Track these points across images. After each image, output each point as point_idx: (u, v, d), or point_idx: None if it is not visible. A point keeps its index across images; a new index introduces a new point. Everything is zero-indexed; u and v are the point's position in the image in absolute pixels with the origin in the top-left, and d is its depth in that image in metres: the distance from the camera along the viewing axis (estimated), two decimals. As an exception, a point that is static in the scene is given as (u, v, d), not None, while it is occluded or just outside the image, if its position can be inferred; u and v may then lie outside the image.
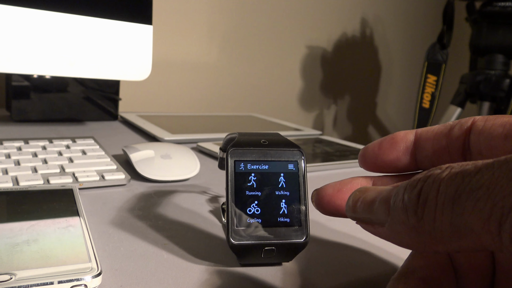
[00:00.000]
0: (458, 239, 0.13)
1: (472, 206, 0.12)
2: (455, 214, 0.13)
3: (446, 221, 0.13)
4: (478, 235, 0.12)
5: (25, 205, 0.28)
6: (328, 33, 1.23)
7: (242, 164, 0.24)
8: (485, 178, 0.13)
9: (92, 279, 0.20)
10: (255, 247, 0.23)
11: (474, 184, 0.13)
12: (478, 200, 0.12)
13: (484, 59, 1.06)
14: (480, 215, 0.12)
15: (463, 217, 0.13)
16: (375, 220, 0.16)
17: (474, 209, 0.12)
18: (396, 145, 0.23)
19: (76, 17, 0.49)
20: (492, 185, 0.12)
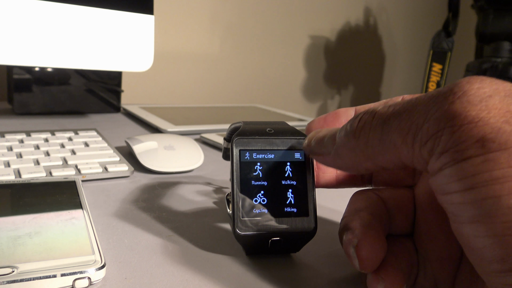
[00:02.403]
0: (384, 153, 0.17)
1: (396, 125, 0.16)
2: (384, 132, 0.16)
3: (376, 138, 0.17)
4: (399, 149, 0.16)
5: (28, 198, 0.27)
6: (332, 23, 1.22)
7: (247, 153, 0.23)
8: (409, 105, 0.16)
9: (96, 272, 0.20)
10: (261, 237, 0.23)
11: (400, 109, 0.16)
12: (401, 120, 0.16)
13: (490, 46, 1.04)
14: (401, 131, 0.16)
15: (388, 135, 0.16)
16: (324, 151, 0.20)
17: (397, 127, 0.16)
18: (339, 118, 0.25)
19: (77, 7, 0.48)
20: (413, 109, 0.16)
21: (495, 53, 1.03)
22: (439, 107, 0.15)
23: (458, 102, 0.15)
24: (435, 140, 0.15)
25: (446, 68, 1.10)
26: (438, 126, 0.15)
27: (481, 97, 0.14)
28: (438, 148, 0.15)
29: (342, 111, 0.26)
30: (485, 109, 0.14)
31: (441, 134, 0.15)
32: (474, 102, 0.14)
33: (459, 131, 0.14)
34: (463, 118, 0.14)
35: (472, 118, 0.14)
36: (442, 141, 0.15)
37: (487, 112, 0.14)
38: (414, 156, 0.16)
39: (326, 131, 0.21)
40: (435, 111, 0.15)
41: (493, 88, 0.15)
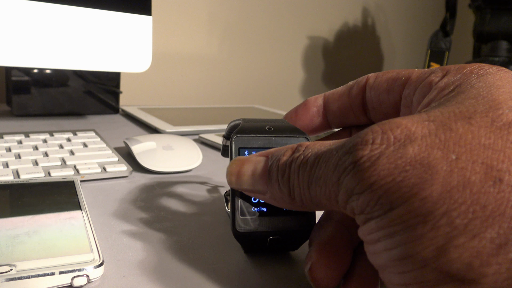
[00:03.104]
0: (318, 207, 0.19)
1: (319, 190, 0.18)
2: (312, 194, 0.18)
3: (308, 198, 0.18)
4: (329, 205, 0.18)
5: (26, 198, 0.27)
6: (330, 23, 1.22)
7: (246, 151, 0.23)
8: (322, 169, 0.17)
9: (94, 270, 0.20)
10: (260, 236, 0.23)
11: (317, 175, 0.18)
12: (321, 187, 0.17)
13: (488, 46, 1.04)
14: (325, 195, 0.17)
15: (316, 197, 0.18)
16: (257, 191, 0.21)
17: (320, 192, 0.18)
18: (309, 109, 0.26)
19: (75, 8, 0.48)
20: (327, 178, 0.17)
21: (493, 52, 1.03)
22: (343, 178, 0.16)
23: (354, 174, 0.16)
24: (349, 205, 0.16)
25: (444, 68, 1.11)
26: (347, 195, 0.16)
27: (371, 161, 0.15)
28: (355, 211, 0.16)
29: (312, 101, 0.26)
30: (375, 174, 0.15)
31: (351, 202, 0.16)
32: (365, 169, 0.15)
33: (361, 198, 0.16)
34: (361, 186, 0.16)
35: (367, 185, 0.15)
36: (354, 206, 0.16)
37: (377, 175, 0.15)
38: (342, 210, 0.17)
39: (252, 166, 0.21)
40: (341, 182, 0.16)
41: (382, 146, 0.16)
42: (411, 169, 0.15)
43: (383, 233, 0.15)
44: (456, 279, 0.13)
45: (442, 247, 0.14)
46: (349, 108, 0.25)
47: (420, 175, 0.14)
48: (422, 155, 0.15)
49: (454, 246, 0.13)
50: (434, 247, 0.14)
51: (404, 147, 0.15)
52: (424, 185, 0.14)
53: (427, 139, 0.15)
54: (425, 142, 0.15)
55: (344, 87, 0.25)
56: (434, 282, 0.14)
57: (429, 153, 0.15)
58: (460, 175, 0.14)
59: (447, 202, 0.14)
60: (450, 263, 0.13)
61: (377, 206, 0.15)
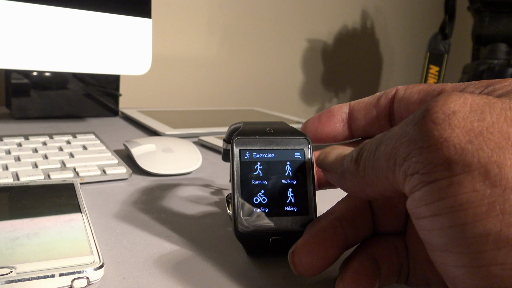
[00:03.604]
0: (378, 179, 0.17)
1: (383, 151, 0.16)
2: (375, 159, 0.17)
3: (370, 166, 0.17)
4: (386, 174, 0.16)
5: (26, 200, 0.27)
6: (329, 26, 1.23)
7: (247, 153, 0.23)
8: (392, 132, 0.17)
9: (94, 272, 0.20)
10: (262, 236, 0.23)
11: (386, 136, 0.17)
12: (386, 145, 0.16)
13: (487, 48, 1.04)
14: (386, 157, 0.16)
15: (378, 161, 0.17)
16: (333, 170, 0.21)
17: (383, 153, 0.16)
18: (333, 117, 0.25)
19: (74, 11, 0.48)
20: (394, 134, 0.16)
21: (492, 55, 1.03)
22: (410, 129, 0.15)
23: (423, 122, 0.15)
24: (407, 163, 0.15)
25: (443, 70, 1.11)
26: (409, 148, 0.15)
27: (445, 114, 0.14)
28: (409, 171, 0.15)
29: (336, 109, 0.26)
30: (448, 128, 0.14)
31: (411, 156, 0.15)
32: (437, 121, 0.14)
33: (425, 153, 0.14)
34: (427, 139, 0.14)
35: (436, 139, 0.14)
36: (412, 163, 0.15)
37: (451, 131, 0.14)
38: (396, 180, 0.16)
39: (338, 151, 0.21)
40: (407, 133, 0.15)
41: (458, 103, 0.14)
42: (489, 135, 0.13)
43: (447, 204, 0.13)
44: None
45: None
46: (375, 118, 0.25)
47: (499, 143, 0.13)
48: (501, 125, 0.14)
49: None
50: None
51: (482, 112, 0.14)
52: (505, 154, 0.13)
53: (507, 112, 0.14)
54: (504, 113, 0.14)
55: (371, 97, 0.25)
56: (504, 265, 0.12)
57: (508, 125, 0.14)
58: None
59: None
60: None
61: (443, 166, 0.13)
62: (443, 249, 0.14)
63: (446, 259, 0.14)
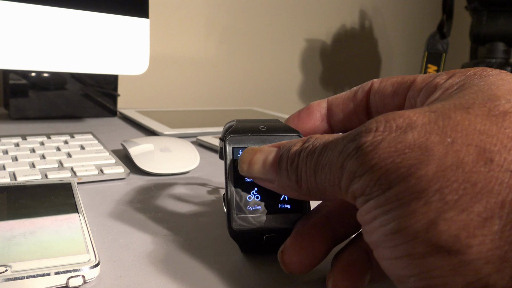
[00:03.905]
0: (323, 194, 0.19)
1: (324, 177, 0.18)
2: (318, 181, 0.19)
3: (314, 185, 0.19)
4: (332, 192, 0.18)
5: (23, 200, 0.27)
6: (327, 26, 1.23)
7: (240, 151, 0.24)
8: (328, 156, 0.18)
9: (90, 270, 0.20)
10: (256, 234, 0.23)
11: (323, 162, 0.19)
12: (326, 174, 0.18)
13: (485, 47, 1.05)
14: (329, 181, 0.18)
15: (322, 183, 0.19)
16: (267, 180, 0.21)
17: (325, 178, 0.18)
18: (312, 113, 0.26)
19: (72, 11, 0.48)
20: (332, 163, 0.18)
21: (490, 54, 1.04)
22: (347, 162, 0.17)
23: (356, 157, 0.17)
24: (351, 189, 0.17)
25: (441, 70, 1.11)
26: (349, 179, 0.17)
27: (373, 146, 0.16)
28: (356, 194, 0.17)
29: (315, 105, 0.26)
30: (376, 156, 0.16)
31: (353, 185, 0.17)
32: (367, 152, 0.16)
33: (362, 180, 0.17)
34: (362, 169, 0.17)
35: (368, 167, 0.16)
36: (355, 189, 0.17)
37: (377, 158, 0.16)
38: (345, 197, 0.18)
39: (260, 157, 0.22)
40: (344, 166, 0.17)
41: (385, 132, 0.17)
42: (409, 152, 0.16)
43: (380, 211, 0.16)
44: (443, 250, 0.14)
45: (433, 221, 0.14)
46: (353, 112, 0.26)
47: (417, 157, 0.15)
48: (420, 140, 0.16)
49: (444, 219, 0.14)
50: (425, 221, 0.15)
51: (404, 133, 0.16)
52: (421, 165, 0.15)
53: (426, 126, 0.16)
54: (424, 128, 0.16)
55: (348, 92, 0.26)
56: (422, 253, 0.15)
57: (427, 138, 0.16)
58: (454, 156, 0.15)
59: (440, 180, 0.15)
60: (439, 235, 0.14)
61: (376, 186, 0.16)
62: (377, 245, 0.17)
63: (380, 254, 0.17)
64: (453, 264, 0.14)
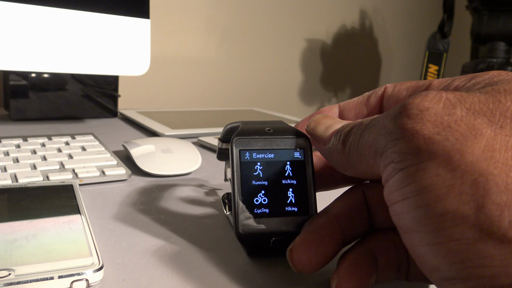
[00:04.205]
0: (360, 163, 0.19)
1: (367, 138, 0.18)
2: (360, 144, 0.18)
3: (354, 150, 0.19)
4: (368, 160, 0.18)
5: (25, 202, 0.27)
6: (327, 26, 1.22)
7: (247, 153, 0.23)
8: (374, 121, 0.18)
9: (94, 274, 0.20)
10: (263, 237, 0.23)
11: (370, 124, 0.18)
12: (370, 134, 0.18)
13: (486, 47, 1.04)
14: (368, 144, 0.18)
15: (362, 147, 0.18)
16: (322, 140, 0.22)
17: (366, 140, 0.18)
18: None
19: (73, 12, 0.48)
20: (376, 127, 0.17)
21: (491, 53, 1.03)
22: (388, 122, 0.17)
23: (399, 117, 0.16)
24: (385, 153, 0.16)
25: (442, 69, 1.11)
26: (386, 140, 0.16)
27: (419, 110, 0.16)
28: (387, 160, 0.16)
29: (326, 111, 0.27)
30: (420, 122, 0.15)
31: (388, 147, 0.16)
32: (412, 116, 0.16)
33: (399, 144, 0.16)
34: (401, 132, 0.16)
35: (408, 131, 0.15)
36: (389, 154, 0.16)
37: (422, 124, 0.15)
38: (377, 167, 0.17)
39: (328, 122, 0.22)
40: (386, 126, 0.17)
41: (433, 101, 0.16)
42: (456, 127, 0.15)
43: (414, 188, 0.15)
44: (495, 237, 0.13)
45: (482, 204, 0.13)
46: (366, 117, 0.25)
47: (464, 133, 0.15)
48: (469, 118, 0.15)
49: (496, 203, 0.13)
50: (473, 204, 0.14)
51: (453, 107, 0.16)
52: (467, 142, 0.14)
53: (476, 105, 0.16)
54: (473, 107, 0.15)
55: (360, 97, 0.26)
56: (472, 239, 0.13)
57: (475, 117, 0.15)
58: (503, 140, 0.14)
59: (488, 161, 0.14)
60: (491, 221, 0.13)
61: (413, 155, 0.15)
62: (411, 229, 0.15)
63: (413, 239, 0.15)
64: (506, 253, 0.13)
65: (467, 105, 0.16)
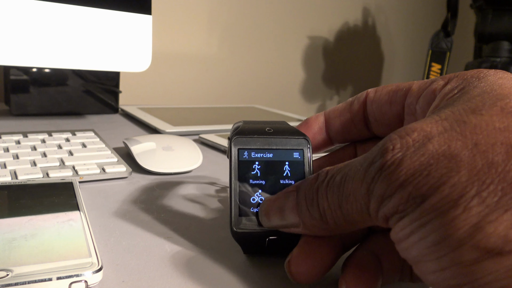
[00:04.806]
0: (351, 225, 0.19)
1: (350, 207, 0.18)
2: (344, 213, 0.18)
3: (340, 218, 0.19)
4: (361, 220, 0.18)
5: (24, 199, 0.27)
6: (330, 23, 1.22)
7: (246, 152, 0.23)
8: (350, 185, 0.18)
9: (93, 275, 0.19)
10: (258, 236, 0.22)
11: (346, 192, 0.18)
12: (351, 203, 0.18)
13: (489, 46, 1.04)
14: (357, 211, 0.18)
15: (349, 215, 0.18)
16: (290, 225, 0.21)
17: (352, 208, 0.18)
18: (311, 127, 0.27)
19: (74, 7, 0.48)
20: (353, 192, 0.18)
21: (494, 53, 1.03)
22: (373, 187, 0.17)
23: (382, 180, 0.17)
24: (382, 212, 0.17)
25: (445, 68, 1.10)
26: (378, 202, 0.17)
27: (395, 164, 0.16)
28: (388, 214, 0.17)
29: (313, 119, 0.27)
30: (401, 173, 0.16)
31: (382, 207, 0.17)
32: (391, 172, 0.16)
33: (393, 200, 0.16)
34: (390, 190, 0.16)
35: (396, 186, 0.16)
36: (386, 211, 0.17)
37: (404, 175, 0.16)
38: (374, 223, 0.18)
39: (275, 205, 0.22)
40: (371, 191, 0.17)
41: (404, 148, 0.16)
42: (435, 162, 0.16)
43: (416, 225, 0.15)
44: (494, 253, 0.14)
45: (477, 225, 0.14)
46: (351, 123, 0.26)
47: (445, 165, 0.15)
48: (443, 148, 0.16)
49: (488, 222, 0.14)
50: (468, 227, 0.14)
51: (424, 146, 0.16)
52: (451, 173, 0.15)
53: (444, 134, 0.16)
54: (442, 137, 0.16)
55: (344, 103, 0.26)
56: (472, 260, 0.14)
57: (449, 145, 0.16)
58: (483, 157, 0.15)
59: (476, 184, 0.15)
60: (487, 238, 0.14)
61: (409, 202, 0.16)
62: (418, 260, 0.16)
63: (422, 269, 0.16)
64: (508, 265, 0.14)
65: (435, 137, 0.16)
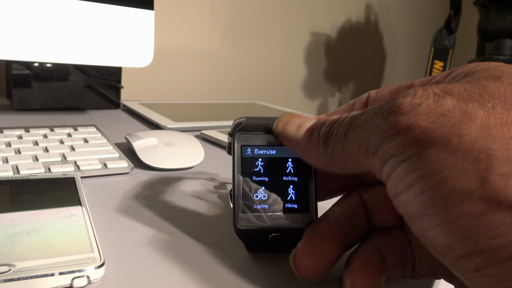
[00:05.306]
0: (347, 162, 0.19)
1: (354, 137, 0.18)
2: (345, 143, 0.18)
3: (340, 149, 0.19)
4: (357, 158, 0.18)
5: (26, 194, 0.27)
6: (332, 19, 1.21)
7: (249, 149, 0.23)
8: (362, 118, 0.18)
9: (95, 270, 0.19)
10: (261, 233, 0.22)
11: (357, 122, 0.18)
12: (357, 133, 0.18)
13: (492, 44, 1.03)
14: (357, 143, 0.18)
15: (349, 146, 0.18)
16: (296, 141, 0.21)
17: (355, 139, 0.18)
18: None
19: (76, 2, 0.48)
20: (365, 123, 0.17)
21: (497, 50, 1.02)
22: (380, 121, 0.17)
23: (392, 115, 0.16)
24: (381, 150, 0.17)
25: (447, 66, 1.10)
26: (380, 138, 0.17)
27: (411, 107, 0.16)
28: (385, 156, 0.16)
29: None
30: (414, 116, 0.16)
31: (385, 144, 0.16)
32: (405, 112, 0.16)
33: (396, 139, 0.16)
34: (397, 127, 0.16)
35: (404, 125, 0.16)
36: (387, 150, 0.16)
37: (416, 117, 0.16)
38: (370, 165, 0.18)
39: (298, 121, 0.22)
40: (377, 125, 0.17)
41: (423, 97, 0.16)
42: (450, 114, 0.15)
43: (418, 174, 0.15)
44: (504, 206, 0.14)
45: (486, 177, 0.14)
46: None
47: (459, 118, 0.15)
48: (460, 105, 0.16)
49: (499, 174, 0.14)
50: (477, 178, 0.14)
51: (443, 99, 0.16)
52: (463, 125, 0.15)
53: (463, 93, 0.16)
54: (462, 95, 0.16)
55: (346, 105, 0.26)
56: (481, 212, 0.14)
57: (466, 103, 0.16)
58: (498, 118, 0.15)
59: (486, 138, 0.14)
60: (497, 191, 0.14)
61: (412, 145, 0.15)
62: (419, 215, 0.16)
63: (423, 224, 0.16)
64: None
65: (455, 94, 0.16)
